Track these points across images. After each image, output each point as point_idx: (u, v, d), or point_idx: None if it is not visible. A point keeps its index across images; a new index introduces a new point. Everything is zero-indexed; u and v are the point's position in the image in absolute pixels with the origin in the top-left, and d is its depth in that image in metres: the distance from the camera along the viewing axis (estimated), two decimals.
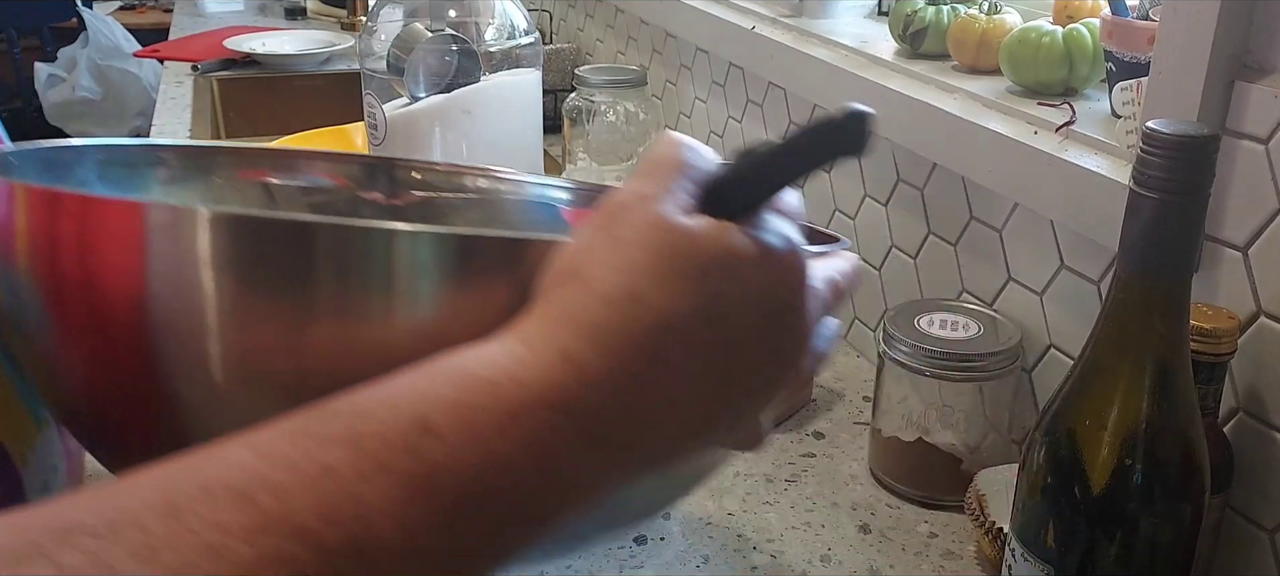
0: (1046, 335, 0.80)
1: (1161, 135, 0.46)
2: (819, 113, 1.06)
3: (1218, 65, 0.62)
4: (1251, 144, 0.62)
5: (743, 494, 0.80)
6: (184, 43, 2.19)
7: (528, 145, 1.17)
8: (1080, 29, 0.82)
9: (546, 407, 0.33)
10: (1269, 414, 0.63)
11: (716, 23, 1.21)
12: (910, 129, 0.88)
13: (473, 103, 1.11)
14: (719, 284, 0.35)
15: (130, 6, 4.09)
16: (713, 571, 0.72)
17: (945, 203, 0.90)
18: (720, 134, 1.30)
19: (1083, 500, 0.51)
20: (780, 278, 0.38)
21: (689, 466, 0.45)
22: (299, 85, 2.00)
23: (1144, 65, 0.71)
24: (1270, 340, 0.62)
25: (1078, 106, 0.79)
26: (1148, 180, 0.47)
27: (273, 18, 2.47)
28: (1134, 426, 0.50)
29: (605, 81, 1.37)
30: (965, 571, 0.72)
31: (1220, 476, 0.63)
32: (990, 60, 0.89)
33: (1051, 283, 0.79)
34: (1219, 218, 0.64)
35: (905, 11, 0.97)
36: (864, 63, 0.98)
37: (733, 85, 1.25)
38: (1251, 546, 0.65)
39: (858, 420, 0.90)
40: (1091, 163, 0.71)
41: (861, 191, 1.01)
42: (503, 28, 1.16)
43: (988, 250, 0.85)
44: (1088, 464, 0.51)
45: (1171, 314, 0.50)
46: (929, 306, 0.81)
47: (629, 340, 0.34)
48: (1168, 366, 0.50)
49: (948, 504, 0.78)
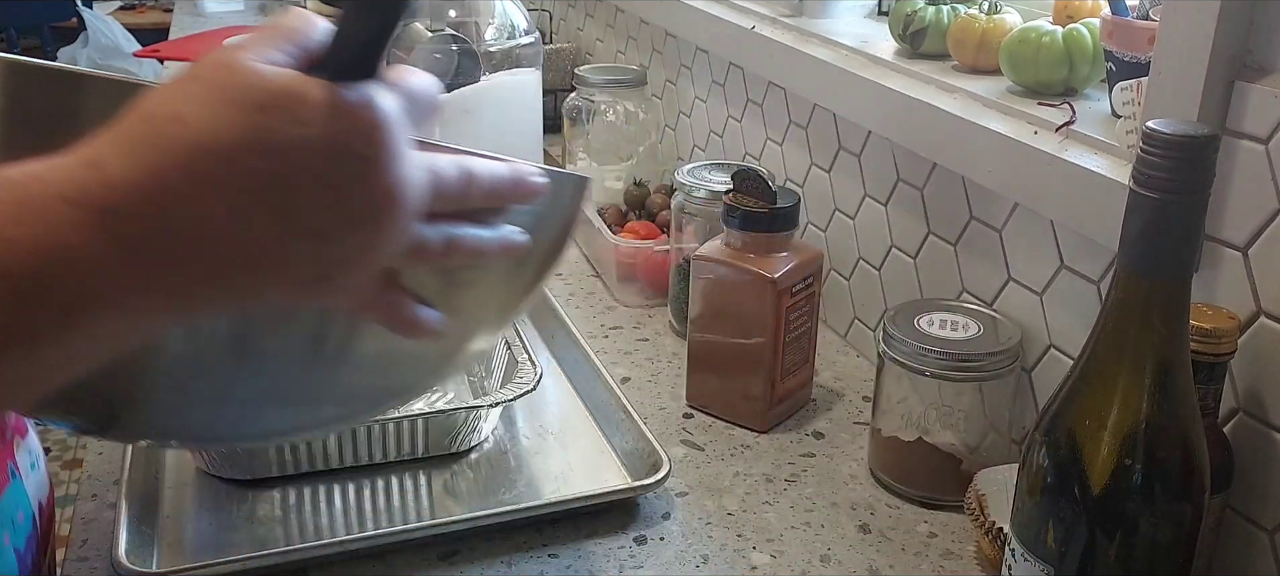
0: (1046, 335, 0.80)
1: (1161, 135, 0.46)
2: (818, 113, 1.06)
3: (1218, 65, 0.62)
4: (1251, 144, 0.62)
5: (743, 494, 0.80)
6: (184, 42, 2.19)
7: (528, 145, 1.17)
8: (1080, 29, 0.82)
9: (61, 200, 0.35)
10: (1269, 414, 0.63)
11: (716, 22, 1.21)
12: (910, 129, 0.88)
13: (473, 103, 1.11)
14: (276, 120, 0.37)
15: (130, 6, 4.09)
16: (713, 571, 0.72)
17: (945, 203, 0.90)
18: (720, 134, 1.30)
19: (1083, 500, 0.51)
20: (350, 127, 0.39)
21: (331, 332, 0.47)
22: None
23: (1144, 65, 0.71)
24: (1270, 340, 0.62)
25: (1078, 106, 0.79)
26: (1148, 180, 0.47)
27: (273, 18, 2.47)
28: (1134, 426, 0.50)
29: (605, 81, 1.37)
30: (965, 571, 0.72)
31: (1220, 476, 0.63)
32: (990, 60, 0.89)
33: (1051, 283, 0.79)
34: (1219, 218, 0.64)
35: (905, 11, 0.97)
36: (864, 63, 0.98)
37: (733, 85, 1.25)
38: (1251, 546, 0.65)
39: (858, 420, 0.90)
40: (1091, 163, 0.71)
41: (861, 191, 1.01)
42: (503, 28, 1.16)
43: (988, 250, 0.85)
44: (1088, 464, 0.51)
45: (1171, 314, 0.50)
46: (929, 306, 0.81)
47: (161, 152, 0.36)
48: (1168, 366, 0.50)
49: (948, 504, 0.78)
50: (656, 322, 1.07)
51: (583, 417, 0.89)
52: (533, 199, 0.48)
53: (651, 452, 0.79)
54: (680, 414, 0.91)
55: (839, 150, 1.04)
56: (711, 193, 0.96)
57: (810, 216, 1.10)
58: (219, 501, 0.76)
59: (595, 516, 0.76)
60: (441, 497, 0.78)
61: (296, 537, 0.73)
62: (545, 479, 0.81)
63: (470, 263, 0.47)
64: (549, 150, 1.46)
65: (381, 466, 0.81)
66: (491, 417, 0.84)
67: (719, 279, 0.87)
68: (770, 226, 0.85)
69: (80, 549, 0.72)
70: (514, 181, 0.47)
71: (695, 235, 0.98)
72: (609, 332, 1.05)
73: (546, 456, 0.83)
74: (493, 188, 0.46)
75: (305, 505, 0.76)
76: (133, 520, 0.71)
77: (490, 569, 0.71)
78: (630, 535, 0.75)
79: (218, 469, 0.78)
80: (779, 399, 0.88)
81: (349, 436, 0.78)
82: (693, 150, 1.39)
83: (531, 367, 0.83)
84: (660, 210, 1.19)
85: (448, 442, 0.81)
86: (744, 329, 0.86)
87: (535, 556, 0.72)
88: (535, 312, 1.05)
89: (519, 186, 0.47)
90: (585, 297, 1.13)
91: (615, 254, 1.10)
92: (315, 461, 0.79)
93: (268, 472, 0.78)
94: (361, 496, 0.78)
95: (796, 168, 1.12)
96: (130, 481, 0.74)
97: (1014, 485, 0.56)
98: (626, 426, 0.83)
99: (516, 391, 0.81)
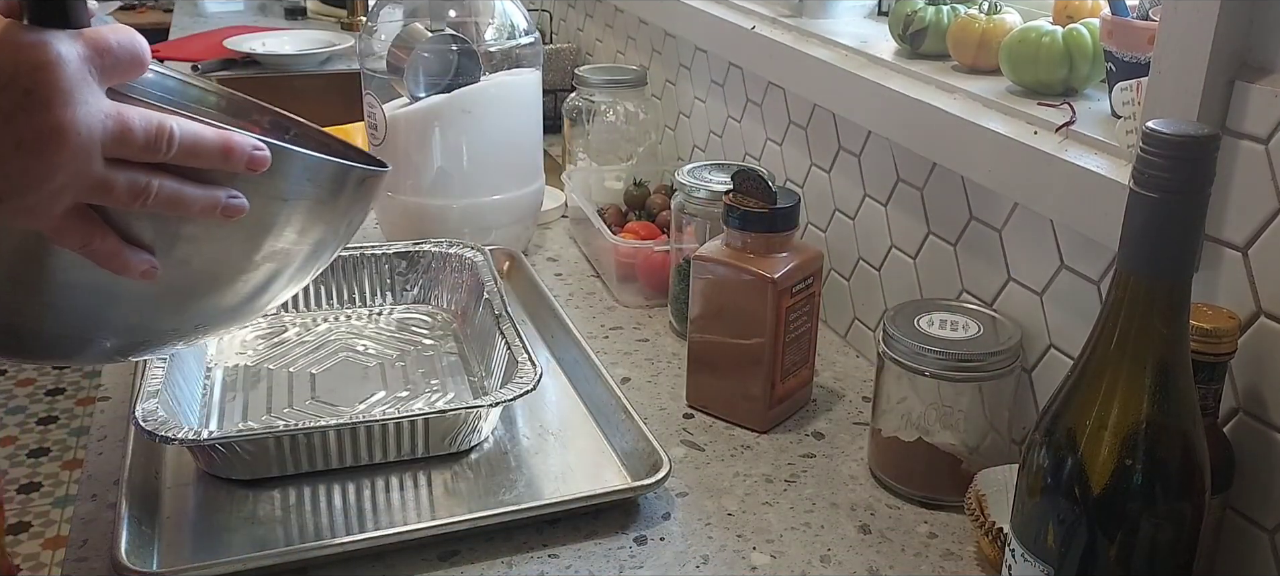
0: (1046, 335, 0.80)
1: (1161, 135, 0.46)
2: (818, 113, 1.06)
3: (1218, 65, 0.62)
4: (1251, 144, 0.62)
5: (743, 494, 0.80)
6: (184, 43, 2.19)
7: (528, 145, 1.18)
8: (1080, 29, 0.82)
9: None
10: (1269, 414, 0.63)
11: (716, 22, 1.21)
12: (910, 129, 0.88)
13: (473, 103, 1.11)
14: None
15: (130, 6, 4.08)
16: (713, 571, 0.72)
17: (945, 203, 0.90)
18: (720, 134, 1.30)
19: (1083, 500, 0.51)
20: (20, 62, 0.45)
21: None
22: (299, 85, 2.00)
23: (1144, 65, 0.71)
24: (1270, 340, 0.62)
25: (1078, 106, 0.79)
26: (1148, 180, 0.47)
27: (273, 18, 2.47)
28: (1134, 426, 0.50)
29: (605, 81, 1.37)
30: (965, 571, 0.72)
31: (1220, 476, 0.63)
32: (990, 60, 0.89)
33: (1051, 282, 0.79)
34: (1219, 218, 0.64)
35: (905, 11, 0.97)
36: (864, 63, 0.98)
37: (732, 85, 1.25)
38: (1251, 546, 0.65)
39: (858, 420, 0.90)
40: (1091, 163, 0.71)
41: (861, 191, 1.01)
42: (503, 28, 1.16)
43: (988, 250, 0.85)
44: (1088, 464, 0.51)
45: (1171, 314, 0.50)
46: (929, 306, 0.81)
47: None
48: (1168, 366, 0.50)
49: (948, 504, 0.78)
50: (656, 323, 1.07)
51: (583, 418, 0.89)
52: (248, 167, 0.52)
53: (651, 453, 0.79)
54: (680, 414, 0.91)
55: (839, 150, 1.04)
56: (711, 193, 0.96)
57: (810, 216, 1.10)
58: (219, 501, 0.76)
59: (595, 516, 0.76)
60: (441, 498, 0.78)
61: (296, 538, 0.73)
62: (545, 479, 0.81)
63: (167, 212, 0.51)
64: (549, 151, 1.46)
65: (381, 466, 0.81)
66: (491, 418, 0.84)
67: (719, 279, 0.87)
68: (770, 226, 0.85)
69: (80, 549, 0.72)
70: (220, 145, 0.51)
71: (695, 235, 0.98)
72: (609, 333, 1.05)
73: (546, 456, 0.83)
74: (192, 147, 0.51)
75: (305, 505, 0.76)
76: (133, 520, 0.71)
77: (490, 569, 0.71)
78: (630, 535, 0.75)
79: (218, 469, 0.78)
80: (779, 399, 0.88)
81: (349, 436, 0.78)
82: (693, 150, 1.39)
83: (531, 367, 0.83)
84: (660, 210, 1.20)
85: (448, 443, 0.81)
86: (744, 329, 0.86)
87: (535, 556, 0.72)
88: (535, 312, 1.05)
89: (229, 152, 0.52)
90: (585, 298, 1.13)
91: (615, 254, 1.10)
92: (315, 461, 0.79)
93: (268, 473, 0.78)
94: (361, 496, 0.78)
95: (796, 168, 1.12)
96: (130, 481, 0.74)
97: (1014, 485, 0.56)
98: (626, 426, 0.83)
99: (516, 391, 0.81)
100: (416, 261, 1.07)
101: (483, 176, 1.14)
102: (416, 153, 1.12)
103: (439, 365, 0.96)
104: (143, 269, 0.53)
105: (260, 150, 0.53)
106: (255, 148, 0.52)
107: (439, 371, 0.95)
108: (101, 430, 0.85)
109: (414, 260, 1.07)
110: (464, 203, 1.14)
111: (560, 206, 1.34)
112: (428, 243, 1.07)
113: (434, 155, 1.12)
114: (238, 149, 0.52)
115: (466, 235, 1.11)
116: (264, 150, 0.53)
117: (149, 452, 0.79)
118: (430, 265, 1.07)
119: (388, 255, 1.06)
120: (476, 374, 0.94)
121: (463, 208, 1.14)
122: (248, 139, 0.52)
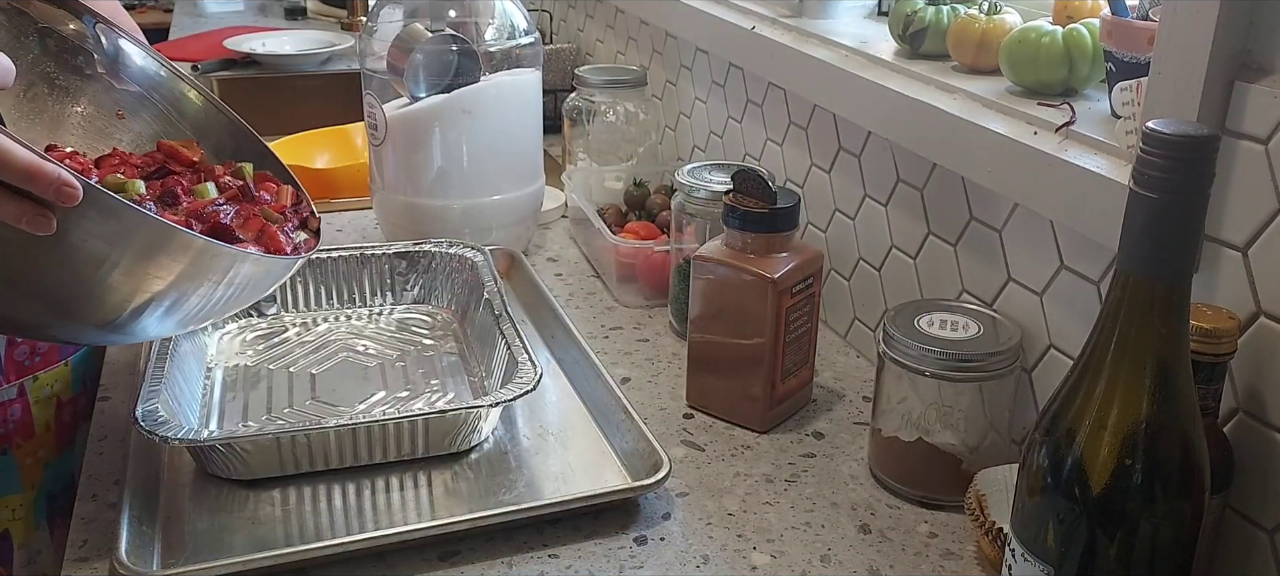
0: (1046, 335, 0.80)
1: (1161, 135, 0.46)
2: (818, 113, 1.06)
3: (1218, 65, 0.62)
4: (1251, 144, 0.62)
5: (743, 494, 0.80)
6: (184, 43, 2.19)
7: (528, 145, 1.18)
8: (1080, 29, 0.82)
9: None
10: (1269, 414, 0.63)
11: (716, 23, 1.21)
12: (910, 129, 0.88)
13: (473, 103, 1.11)
14: None
15: (130, 7, 4.08)
16: (713, 571, 0.72)
17: (945, 203, 0.90)
18: (720, 134, 1.30)
19: (1083, 500, 0.51)
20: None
21: None
22: (299, 85, 2.00)
23: (1144, 65, 0.71)
24: (1270, 340, 0.62)
25: (1078, 106, 0.79)
26: (1148, 180, 0.47)
27: (273, 18, 2.47)
28: (1134, 426, 0.50)
29: (605, 81, 1.37)
30: (965, 571, 0.72)
31: (1220, 476, 0.63)
32: (990, 60, 0.89)
33: (1051, 283, 0.79)
34: (1219, 218, 0.64)
35: (905, 11, 0.97)
36: (864, 63, 0.98)
37: (733, 85, 1.25)
38: (1251, 546, 0.65)
39: (858, 420, 0.90)
40: (1091, 163, 0.71)
41: (861, 191, 1.01)
42: (503, 28, 1.16)
43: (988, 250, 0.85)
44: (1088, 464, 0.51)
45: (1171, 314, 0.50)
46: (929, 306, 0.81)
47: None
48: (1168, 366, 0.50)
49: (948, 504, 0.78)
50: (656, 323, 1.07)
51: (583, 418, 0.89)
52: (56, 196, 0.59)
53: (651, 453, 0.79)
54: (680, 414, 0.91)
55: (839, 150, 1.04)
56: (711, 193, 0.96)
57: (810, 217, 1.10)
58: (219, 502, 0.76)
59: (595, 516, 0.76)
60: (442, 498, 0.78)
61: (297, 538, 0.73)
62: (545, 479, 0.81)
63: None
64: (549, 151, 1.46)
65: (382, 466, 0.81)
66: (492, 417, 0.84)
67: (719, 279, 0.87)
68: (770, 227, 0.85)
69: (80, 549, 0.72)
70: (26, 167, 0.58)
71: (695, 235, 0.98)
72: (609, 333, 1.05)
73: (547, 456, 0.83)
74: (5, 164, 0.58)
75: (305, 505, 0.77)
76: (133, 520, 0.71)
77: (490, 569, 0.71)
78: (630, 535, 0.75)
79: (218, 469, 0.78)
80: (779, 399, 0.88)
81: (349, 437, 0.78)
82: (693, 150, 1.39)
83: (531, 367, 0.83)
84: (660, 210, 1.20)
85: (448, 443, 0.81)
86: (744, 329, 0.86)
87: (535, 556, 0.72)
88: (536, 312, 1.05)
89: (34, 177, 0.58)
90: (585, 298, 1.13)
91: (615, 254, 1.10)
92: (316, 462, 0.79)
93: (268, 473, 0.78)
94: (362, 496, 0.78)
95: (796, 168, 1.12)
96: (130, 481, 0.74)
97: (1014, 485, 0.56)
98: (627, 426, 0.83)
99: (517, 391, 0.81)
100: (416, 261, 1.07)
101: (483, 177, 1.14)
102: (416, 153, 1.12)
103: (439, 365, 0.96)
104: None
105: (70, 186, 0.59)
106: (65, 182, 0.59)
107: (439, 371, 0.95)
108: (101, 430, 0.85)
109: (414, 260, 1.07)
110: (464, 203, 1.14)
111: (560, 206, 1.34)
112: (428, 243, 1.07)
113: (434, 155, 1.12)
114: (44, 177, 0.59)
115: (467, 235, 1.11)
116: (75, 185, 0.60)
117: (149, 452, 0.79)
118: (430, 265, 1.07)
119: (388, 255, 1.06)
120: (476, 374, 0.94)
121: (463, 208, 1.14)
122: (62, 175, 0.59)
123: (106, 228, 0.63)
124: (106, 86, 0.86)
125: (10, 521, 0.92)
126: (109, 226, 0.64)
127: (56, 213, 0.61)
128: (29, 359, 0.91)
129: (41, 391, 0.92)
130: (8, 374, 0.89)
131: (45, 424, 0.93)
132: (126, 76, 0.88)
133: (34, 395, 0.91)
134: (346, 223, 1.30)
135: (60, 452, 0.94)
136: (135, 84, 0.88)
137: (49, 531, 0.95)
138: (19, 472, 0.91)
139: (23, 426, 0.91)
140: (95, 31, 0.86)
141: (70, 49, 0.85)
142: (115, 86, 0.87)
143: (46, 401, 0.92)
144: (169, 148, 0.84)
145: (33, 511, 0.93)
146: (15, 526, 0.92)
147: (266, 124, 1.06)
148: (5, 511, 0.91)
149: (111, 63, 0.87)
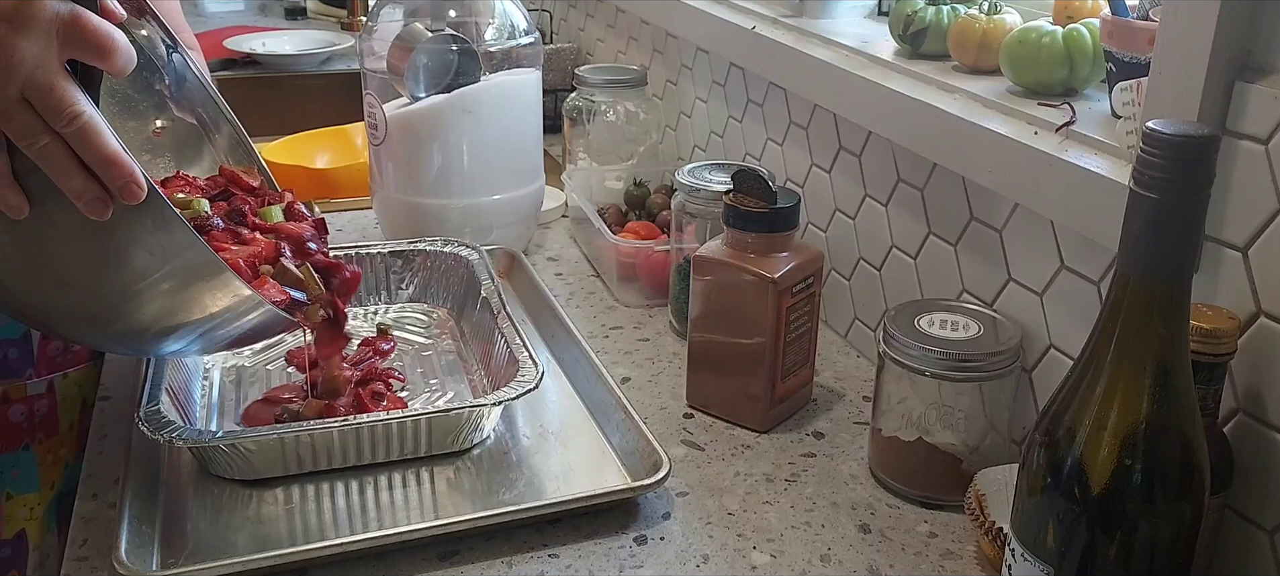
0: (1046, 335, 0.80)
1: (1161, 135, 0.46)
2: (819, 113, 1.06)
3: (1218, 65, 0.62)
4: (1251, 144, 0.62)
5: (743, 494, 0.80)
6: None
7: (528, 145, 1.18)
8: (1080, 29, 0.82)
9: None
10: (1269, 414, 0.63)
11: (717, 23, 1.21)
12: (910, 129, 0.88)
13: (473, 103, 1.11)
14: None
15: None
16: (713, 571, 0.72)
17: (945, 203, 0.90)
18: (721, 134, 1.30)
19: (1083, 500, 0.51)
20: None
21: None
22: (299, 85, 2.00)
23: (1144, 65, 0.71)
24: (1270, 340, 0.62)
25: (1078, 106, 0.79)
26: (1148, 180, 0.47)
27: (273, 18, 2.47)
28: (1134, 426, 0.51)
29: (605, 81, 1.37)
30: (965, 571, 0.73)
31: (1220, 476, 0.63)
32: (990, 60, 0.89)
33: (1051, 283, 0.79)
34: (1219, 218, 0.64)
35: (905, 11, 0.97)
36: (864, 63, 0.98)
37: (733, 85, 1.25)
38: (1251, 546, 0.65)
39: (858, 420, 0.90)
40: (1091, 163, 0.71)
41: (861, 191, 1.01)
42: (503, 28, 1.16)
43: (988, 250, 0.85)
44: (1088, 464, 0.51)
45: (1171, 314, 0.50)
46: (929, 306, 0.81)
47: None
48: (1168, 366, 0.50)
49: (948, 504, 0.78)
50: (657, 322, 1.07)
51: (583, 417, 0.89)
52: (120, 190, 0.59)
53: (652, 452, 0.79)
54: (680, 414, 0.91)
55: (839, 150, 1.04)
56: (712, 193, 0.96)
57: (810, 216, 1.10)
58: (219, 501, 0.76)
59: (595, 516, 0.76)
60: (442, 497, 0.78)
61: (298, 538, 0.73)
62: (546, 478, 0.81)
63: (47, 169, 0.59)
64: (549, 151, 1.46)
65: (382, 466, 0.81)
66: (492, 417, 0.84)
67: (719, 279, 0.87)
68: (770, 226, 0.85)
69: (80, 549, 0.72)
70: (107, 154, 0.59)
71: (695, 235, 0.98)
72: (609, 332, 1.05)
73: (547, 456, 0.83)
74: (87, 138, 0.59)
75: (306, 505, 0.77)
76: (133, 520, 0.71)
77: (490, 569, 0.71)
78: (630, 535, 0.75)
79: (219, 469, 0.78)
80: (779, 399, 0.88)
81: (351, 436, 0.78)
82: (693, 150, 1.39)
83: (532, 366, 0.83)
84: (660, 210, 1.20)
85: (448, 442, 0.81)
86: (744, 329, 0.86)
87: (535, 556, 0.72)
88: (536, 312, 1.05)
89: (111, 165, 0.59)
90: (585, 297, 1.13)
91: (615, 254, 1.10)
92: (319, 461, 0.79)
93: (268, 473, 0.78)
94: (362, 496, 0.78)
95: (797, 168, 1.12)
96: (130, 481, 0.74)
97: (1014, 485, 0.56)
98: (627, 426, 0.83)
99: (517, 390, 0.81)
100: (411, 260, 1.07)
101: (483, 176, 1.14)
102: (416, 152, 1.12)
103: (437, 364, 0.96)
104: (12, 203, 0.60)
105: (138, 184, 0.60)
106: (134, 180, 0.59)
107: (437, 370, 0.95)
108: (101, 430, 0.86)
109: (409, 259, 1.07)
110: (464, 202, 1.14)
111: (560, 206, 1.34)
112: (422, 241, 1.07)
113: (434, 155, 1.12)
114: (119, 167, 0.59)
115: (467, 235, 1.11)
116: (142, 185, 0.60)
117: (149, 452, 0.79)
118: (425, 264, 1.07)
119: (382, 254, 1.06)
120: (475, 372, 0.94)
121: (463, 207, 1.14)
122: (136, 171, 0.59)
123: (156, 239, 0.63)
124: (162, 104, 0.87)
125: (27, 520, 0.92)
126: (159, 238, 0.63)
127: (114, 208, 0.61)
128: (61, 354, 0.91)
129: (70, 389, 0.92)
130: (39, 367, 0.89)
131: (69, 423, 0.93)
132: (186, 103, 0.87)
133: (62, 393, 0.91)
134: (346, 222, 1.30)
135: (78, 455, 0.94)
136: (190, 115, 0.88)
137: (57, 534, 0.95)
138: (38, 471, 0.91)
139: (47, 423, 0.91)
140: (171, 57, 0.85)
141: (145, 62, 0.84)
142: (175, 111, 0.87)
143: (72, 400, 0.92)
144: (231, 173, 0.84)
145: (48, 513, 0.93)
146: (31, 526, 0.92)
147: (266, 124, 1.06)
148: (23, 510, 0.91)
149: (177, 84, 0.87)
